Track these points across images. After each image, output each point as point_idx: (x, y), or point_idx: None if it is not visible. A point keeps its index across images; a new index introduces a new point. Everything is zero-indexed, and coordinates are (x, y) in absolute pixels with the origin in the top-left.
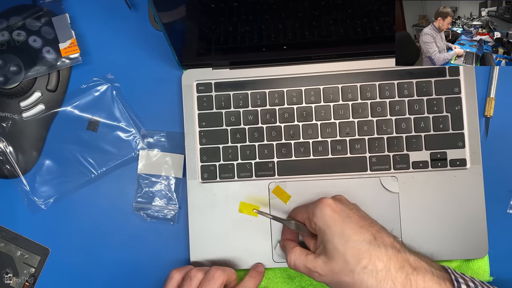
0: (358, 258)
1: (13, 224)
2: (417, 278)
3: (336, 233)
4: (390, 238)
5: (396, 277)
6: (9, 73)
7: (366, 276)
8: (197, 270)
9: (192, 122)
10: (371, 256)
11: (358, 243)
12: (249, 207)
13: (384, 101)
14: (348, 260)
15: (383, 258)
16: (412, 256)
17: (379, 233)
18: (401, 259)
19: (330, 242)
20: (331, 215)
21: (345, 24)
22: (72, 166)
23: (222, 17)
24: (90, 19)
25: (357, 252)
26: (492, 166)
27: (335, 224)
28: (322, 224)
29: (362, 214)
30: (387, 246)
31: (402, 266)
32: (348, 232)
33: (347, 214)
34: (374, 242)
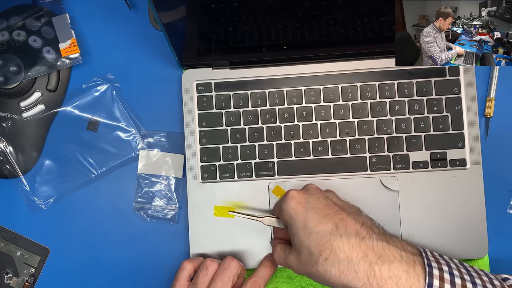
0: (320, 250)
1: (13, 224)
2: (382, 267)
3: (299, 226)
4: (356, 225)
5: (359, 266)
6: (9, 73)
7: (329, 267)
8: (212, 260)
9: (192, 122)
10: (332, 247)
11: (320, 235)
12: (223, 210)
13: (384, 101)
14: (312, 252)
15: (344, 248)
16: (380, 243)
17: (342, 221)
18: (365, 248)
19: (296, 235)
20: (295, 208)
21: (345, 24)
22: (72, 166)
23: (222, 17)
24: (90, 19)
25: (319, 244)
26: (492, 166)
27: (298, 217)
28: (288, 218)
29: (328, 203)
30: (350, 235)
31: (365, 255)
32: (311, 224)
33: (311, 205)
34: (335, 231)
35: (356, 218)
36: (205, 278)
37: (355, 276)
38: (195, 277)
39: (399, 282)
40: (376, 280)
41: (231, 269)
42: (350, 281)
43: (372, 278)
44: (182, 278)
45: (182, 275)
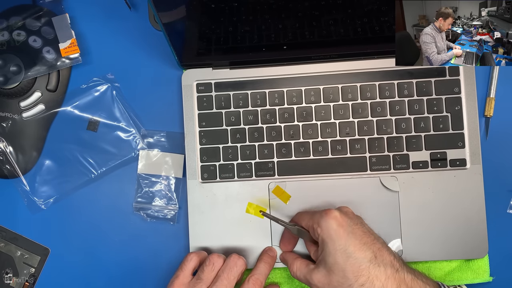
0: (357, 275)
1: (13, 224)
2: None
3: (339, 248)
4: (390, 256)
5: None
6: (9, 73)
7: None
8: (218, 256)
9: (192, 122)
10: (370, 274)
11: (359, 260)
12: (256, 208)
13: (384, 101)
14: (347, 275)
15: (381, 277)
16: (409, 275)
17: (380, 251)
18: (398, 279)
19: (332, 255)
20: (336, 229)
21: (345, 24)
22: (72, 166)
23: (222, 17)
24: (90, 19)
25: (357, 269)
26: (492, 166)
27: (339, 239)
28: (326, 237)
29: (365, 230)
30: (386, 265)
31: (399, 285)
32: (351, 249)
33: (351, 230)
34: (374, 260)
35: (389, 249)
36: (211, 274)
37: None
38: (200, 271)
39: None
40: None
41: (237, 267)
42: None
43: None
44: (187, 270)
45: (188, 267)
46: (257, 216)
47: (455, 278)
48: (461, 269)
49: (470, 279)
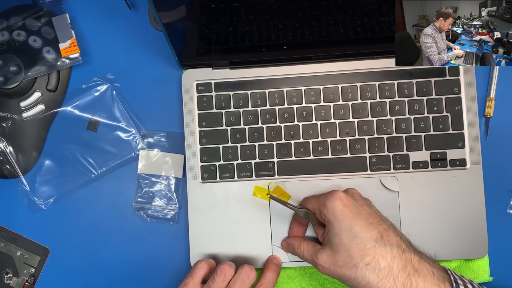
0: (362, 255)
1: (13, 224)
2: (418, 279)
3: (344, 228)
4: (397, 237)
5: (398, 276)
6: (9, 73)
7: (368, 272)
8: (229, 266)
9: (192, 122)
10: (375, 254)
11: (365, 240)
12: (262, 191)
13: (384, 101)
14: (353, 255)
15: (387, 257)
16: (416, 257)
17: (386, 231)
18: (405, 259)
19: (337, 235)
20: (342, 210)
21: (345, 24)
22: (72, 166)
23: (222, 17)
24: (90, 19)
25: (363, 249)
26: (492, 166)
27: (345, 219)
28: (332, 217)
29: (372, 211)
30: (392, 245)
31: (405, 266)
32: (356, 228)
33: (357, 210)
34: (380, 240)
35: (396, 230)
36: (222, 284)
37: (393, 285)
38: (210, 281)
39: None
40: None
41: (249, 280)
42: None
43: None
44: (197, 278)
45: (198, 274)
46: (264, 199)
47: None
48: (461, 269)
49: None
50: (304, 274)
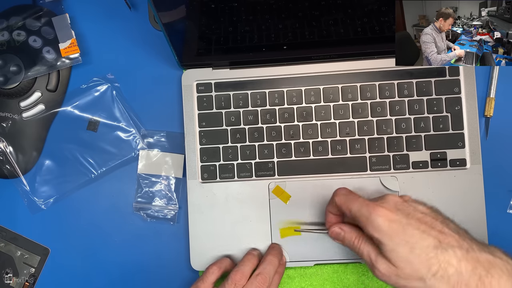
0: (428, 265)
1: (13, 224)
2: (492, 280)
3: (398, 243)
4: (454, 236)
5: (470, 280)
6: (9, 73)
7: (438, 282)
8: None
9: (192, 122)
10: (440, 262)
11: (425, 250)
12: (289, 230)
13: (384, 101)
14: (417, 267)
15: (452, 262)
16: (483, 254)
17: (442, 234)
18: (472, 260)
19: (394, 251)
20: (390, 225)
21: (345, 24)
22: (72, 166)
23: (222, 17)
24: (90, 19)
25: (425, 259)
26: (492, 166)
27: (396, 235)
28: (380, 236)
29: (419, 214)
30: (454, 247)
31: (474, 267)
32: (412, 240)
33: (406, 222)
34: (439, 246)
35: (450, 227)
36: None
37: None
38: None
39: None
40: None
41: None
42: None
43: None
44: (208, 282)
45: (209, 279)
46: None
47: None
48: None
49: None
50: (304, 274)
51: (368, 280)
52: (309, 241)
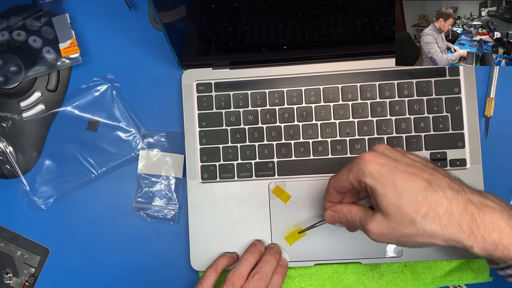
0: (417, 208)
1: (13, 224)
2: (484, 218)
3: (387, 187)
4: (445, 179)
5: (461, 219)
6: (9, 73)
7: (429, 223)
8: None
9: (192, 122)
10: (430, 203)
11: (414, 192)
12: (294, 235)
13: (384, 101)
14: (406, 211)
15: (443, 202)
16: (475, 196)
17: (432, 176)
18: (463, 200)
19: (384, 197)
20: (379, 170)
21: (345, 24)
22: (72, 166)
23: (222, 17)
24: (90, 19)
25: (415, 202)
26: (492, 166)
27: (385, 178)
28: (372, 182)
29: (409, 160)
30: (444, 189)
31: (465, 207)
32: (400, 183)
33: (394, 165)
34: (429, 187)
35: (441, 172)
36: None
37: (459, 229)
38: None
39: (503, 236)
40: (480, 232)
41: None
42: (453, 234)
43: (476, 230)
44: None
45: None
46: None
47: (455, 278)
48: (461, 269)
49: (470, 279)
50: (304, 274)
51: (368, 280)
52: (309, 241)
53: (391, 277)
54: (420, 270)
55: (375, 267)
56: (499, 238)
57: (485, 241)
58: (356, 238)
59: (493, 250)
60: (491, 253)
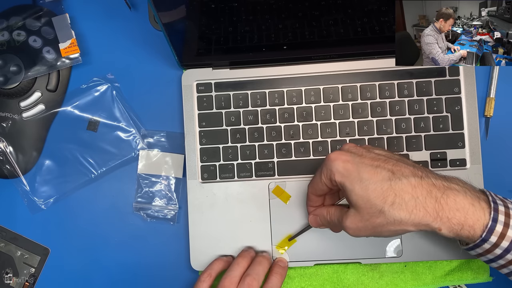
0: (383, 198)
1: (13, 224)
2: (448, 200)
3: (354, 181)
4: (409, 167)
5: (426, 203)
6: (9, 73)
7: (397, 210)
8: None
9: (192, 122)
10: (395, 191)
11: (379, 183)
12: (284, 243)
13: (384, 101)
14: (374, 202)
15: (407, 189)
16: (439, 181)
17: (396, 166)
18: (427, 185)
19: (352, 192)
20: (344, 166)
21: (345, 24)
22: (72, 166)
23: (222, 17)
24: (90, 19)
25: (380, 192)
26: (492, 166)
27: (351, 174)
28: (340, 179)
29: (374, 154)
30: (408, 176)
31: (429, 191)
32: (365, 176)
33: (359, 160)
34: (393, 177)
35: (405, 162)
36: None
37: (425, 213)
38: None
39: (467, 215)
40: (445, 213)
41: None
42: (421, 218)
43: (442, 212)
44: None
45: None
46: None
47: (455, 278)
48: (461, 269)
49: (470, 279)
50: (304, 274)
51: (368, 280)
52: (309, 241)
53: (391, 277)
54: (420, 270)
55: (375, 267)
56: (464, 218)
57: (451, 221)
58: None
59: (459, 230)
60: (458, 233)
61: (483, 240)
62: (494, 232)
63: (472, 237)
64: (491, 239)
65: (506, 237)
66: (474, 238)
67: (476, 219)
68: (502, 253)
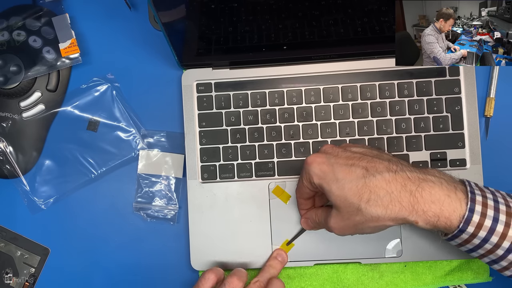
0: (359, 195)
1: (13, 224)
2: (423, 193)
3: (330, 182)
4: (383, 163)
5: (401, 197)
6: (9, 73)
7: (373, 207)
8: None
9: (192, 122)
10: (370, 188)
11: (354, 182)
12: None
13: (384, 101)
14: (351, 201)
15: (382, 185)
16: (414, 173)
17: (370, 163)
18: (401, 179)
19: (330, 193)
20: (320, 168)
21: (345, 24)
22: (72, 166)
23: (222, 17)
24: (90, 19)
25: (355, 190)
26: (492, 166)
27: (327, 175)
28: (318, 181)
29: (349, 153)
30: (382, 172)
31: (404, 185)
32: (340, 176)
33: (334, 160)
34: (367, 174)
35: (381, 157)
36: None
37: (400, 207)
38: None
39: (443, 207)
40: (420, 206)
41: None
42: (397, 213)
43: (417, 205)
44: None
45: (205, 286)
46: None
47: (455, 278)
48: (461, 269)
49: (470, 279)
50: (304, 274)
51: (368, 280)
52: (308, 241)
53: (391, 277)
54: (420, 270)
55: (375, 267)
56: (440, 209)
57: (426, 214)
58: (356, 238)
59: (436, 222)
60: (435, 225)
61: (460, 230)
62: (471, 223)
63: (450, 228)
64: (468, 230)
65: (484, 227)
66: (452, 229)
67: (452, 210)
68: (480, 243)
